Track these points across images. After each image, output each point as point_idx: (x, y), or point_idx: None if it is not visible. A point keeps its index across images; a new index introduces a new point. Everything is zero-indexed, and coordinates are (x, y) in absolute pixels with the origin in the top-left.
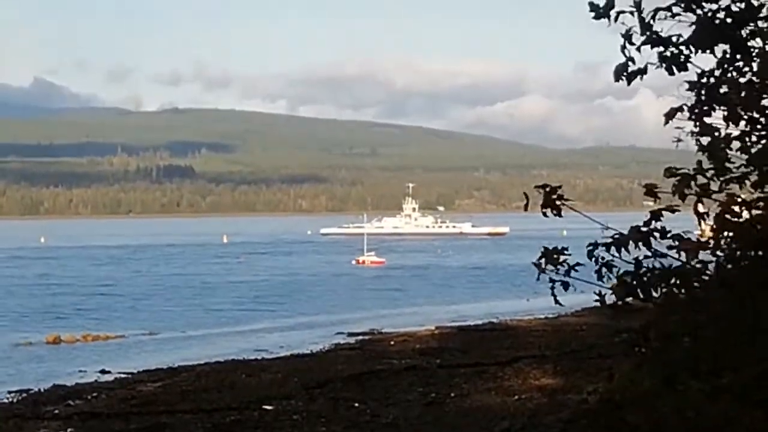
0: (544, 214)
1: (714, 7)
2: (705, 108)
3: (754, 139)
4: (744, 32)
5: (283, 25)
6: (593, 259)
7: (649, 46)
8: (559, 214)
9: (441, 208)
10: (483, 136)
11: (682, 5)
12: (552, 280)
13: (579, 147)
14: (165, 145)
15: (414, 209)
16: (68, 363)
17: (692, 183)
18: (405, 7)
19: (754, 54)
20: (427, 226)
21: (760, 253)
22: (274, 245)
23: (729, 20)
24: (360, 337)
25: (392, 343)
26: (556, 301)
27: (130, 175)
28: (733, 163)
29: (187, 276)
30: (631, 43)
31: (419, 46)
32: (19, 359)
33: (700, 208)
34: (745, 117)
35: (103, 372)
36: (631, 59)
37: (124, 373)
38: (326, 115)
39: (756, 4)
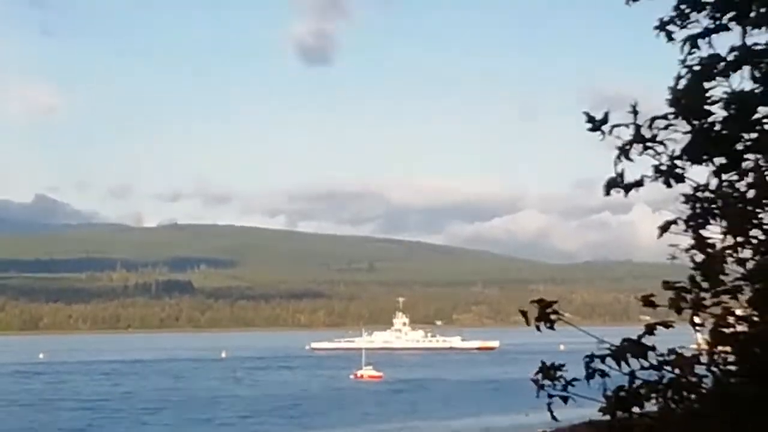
0: (537, 328)
1: (709, 119)
2: (700, 221)
3: (748, 254)
4: (739, 146)
5: (282, 142)
6: (590, 371)
7: (644, 154)
8: (552, 328)
9: (439, 323)
10: (480, 251)
11: (679, 115)
12: (550, 395)
13: (576, 262)
14: (164, 260)
15: (404, 323)
16: None
17: (688, 296)
18: (403, 125)
19: (748, 168)
20: (418, 341)
21: (758, 367)
22: (273, 360)
23: (724, 132)
24: None
25: None
26: (553, 417)
27: (130, 291)
28: (728, 275)
29: (185, 391)
30: (628, 158)
31: (417, 162)
32: None
33: (696, 320)
34: (740, 231)
35: None
36: (621, 175)
37: None
38: (325, 230)
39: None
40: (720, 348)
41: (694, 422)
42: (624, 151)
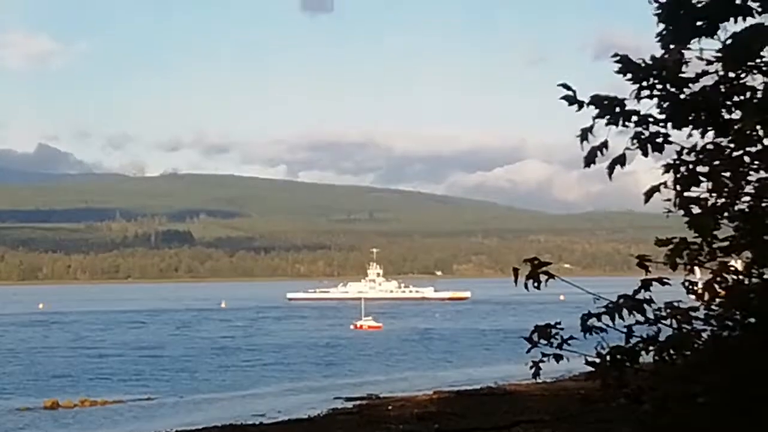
0: (525, 287)
1: (693, 87)
2: (687, 184)
3: (740, 209)
4: (724, 108)
5: (283, 91)
6: (587, 330)
7: (626, 125)
8: (538, 288)
9: (439, 273)
10: (481, 201)
11: (662, 87)
12: (544, 354)
13: (577, 212)
14: (164, 210)
15: (378, 274)
16: (66, 428)
17: (684, 252)
18: (405, 73)
19: (736, 128)
20: (391, 291)
21: (753, 320)
22: (272, 310)
23: (710, 97)
24: (358, 402)
25: (390, 407)
26: (535, 375)
27: (129, 241)
28: (719, 229)
29: (201, 340)
30: (585, 140)
31: (419, 111)
32: (17, 425)
33: (692, 277)
34: (727, 189)
35: None
36: (605, 144)
37: None
38: (326, 180)
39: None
40: (717, 302)
41: (691, 375)
42: (585, 134)
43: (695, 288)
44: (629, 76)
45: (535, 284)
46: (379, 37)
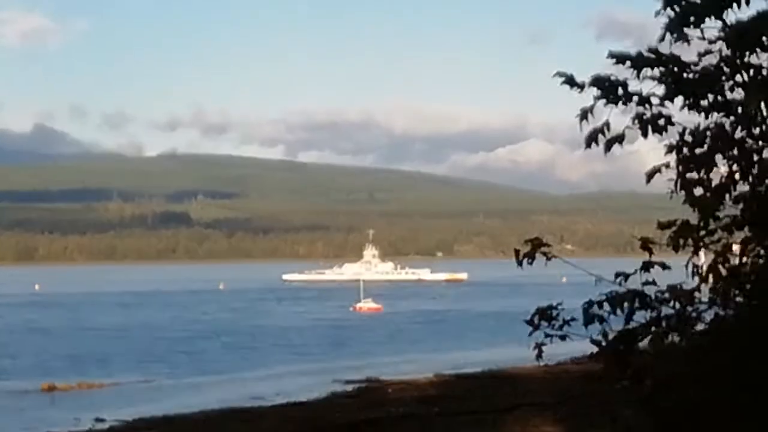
0: (519, 264)
1: (695, 68)
2: (690, 165)
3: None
4: (727, 85)
5: (282, 70)
6: (590, 321)
7: (627, 104)
8: (531, 263)
9: (439, 254)
10: (483, 181)
11: (663, 67)
12: (547, 335)
13: (580, 192)
14: (161, 191)
15: (374, 256)
16: (63, 410)
17: (687, 234)
18: (405, 52)
19: (736, 107)
20: (387, 272)
21: (756, 302)
22: (271, 292)
23: (712, 77)
24: (357, 385)
25: (390, 390)
26: (538, 357)
27: (126, 222)
28: (722, 210)
29: (203, 322)
30: (585, 119)
31: (420, 91)
32: (14, 407)
33: (696, 259)
34: (730, 169)
35: (98, 420)
36: (607, 125)
37: (119, 421)
38: (325, 160)
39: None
40: (720, 283)
41: (694, 356)
42: (585, 114)
43: (699, 270)
44: (629, 64)
45: (530, 261)
46: (378, 16)
